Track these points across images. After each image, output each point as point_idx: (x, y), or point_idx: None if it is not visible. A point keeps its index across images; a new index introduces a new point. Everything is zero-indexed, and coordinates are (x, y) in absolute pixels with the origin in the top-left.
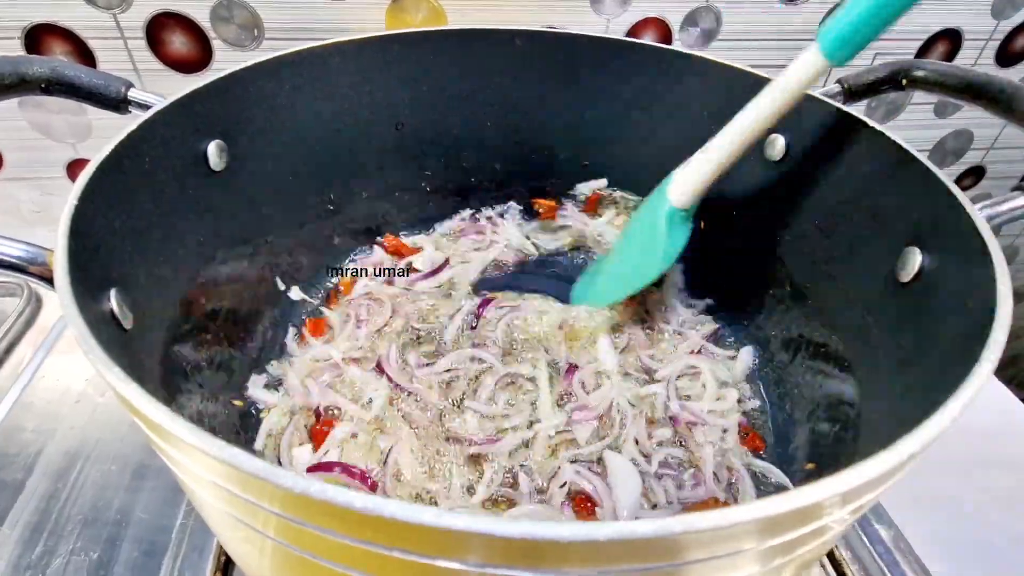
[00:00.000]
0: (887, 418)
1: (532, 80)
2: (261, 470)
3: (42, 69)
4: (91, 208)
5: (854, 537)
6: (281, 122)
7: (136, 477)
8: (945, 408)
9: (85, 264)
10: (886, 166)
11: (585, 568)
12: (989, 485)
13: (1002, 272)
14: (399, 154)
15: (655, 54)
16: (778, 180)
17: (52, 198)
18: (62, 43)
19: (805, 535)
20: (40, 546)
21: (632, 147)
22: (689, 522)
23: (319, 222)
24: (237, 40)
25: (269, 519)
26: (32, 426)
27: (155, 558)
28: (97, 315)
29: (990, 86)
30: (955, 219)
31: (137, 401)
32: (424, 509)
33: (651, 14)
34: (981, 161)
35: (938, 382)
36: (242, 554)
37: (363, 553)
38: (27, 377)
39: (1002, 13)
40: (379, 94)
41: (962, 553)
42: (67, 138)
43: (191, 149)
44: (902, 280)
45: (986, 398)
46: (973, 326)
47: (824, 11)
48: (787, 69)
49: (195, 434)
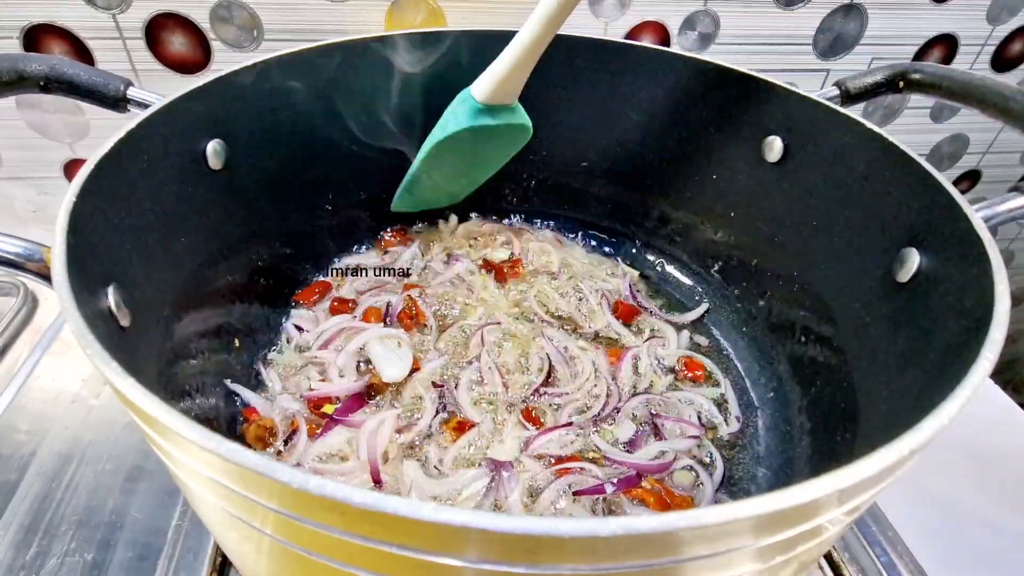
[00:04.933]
0: (885, 417)
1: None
2: (260, 465)
3: (41, 67)
4: (89, 205)
5: (852, 539)
6: (280, 122)
7: (131, 478)
8: (944, 407)
9: (83, 261)
10: (883, 167)
11: (584, 564)
12: (986, 488)
13: (999, 272)
14: (397, 155)
15: (654, 57)
16: (776, 181)
17: (48, 198)
18: (60, 43)
19: (804, 533)
20: (34, 547)
21: (631, 148)
22: (692, 517)
23: (317, 222)
24: (236, 41)
25: (267, 515)
26: (26, 427)
27: (149, 560)
28: (95, 312)
29: (987, 89)
30: (952, 220)
31: (135, 396)
32: (423, 504)
33: (649, 17)
34: (977, 165)
35: (936, 381)
36: (240, 553)
37: (361, 549)
38: (22, 378)
39: (997, 18)
40: (378, 95)
41: (959, 555)
42: (64, 138)
43: (190, 148)
44: (900, 280)
45: (983, 401)
46: (971, 326)
47: (822, 14)
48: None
49: (194, 429)
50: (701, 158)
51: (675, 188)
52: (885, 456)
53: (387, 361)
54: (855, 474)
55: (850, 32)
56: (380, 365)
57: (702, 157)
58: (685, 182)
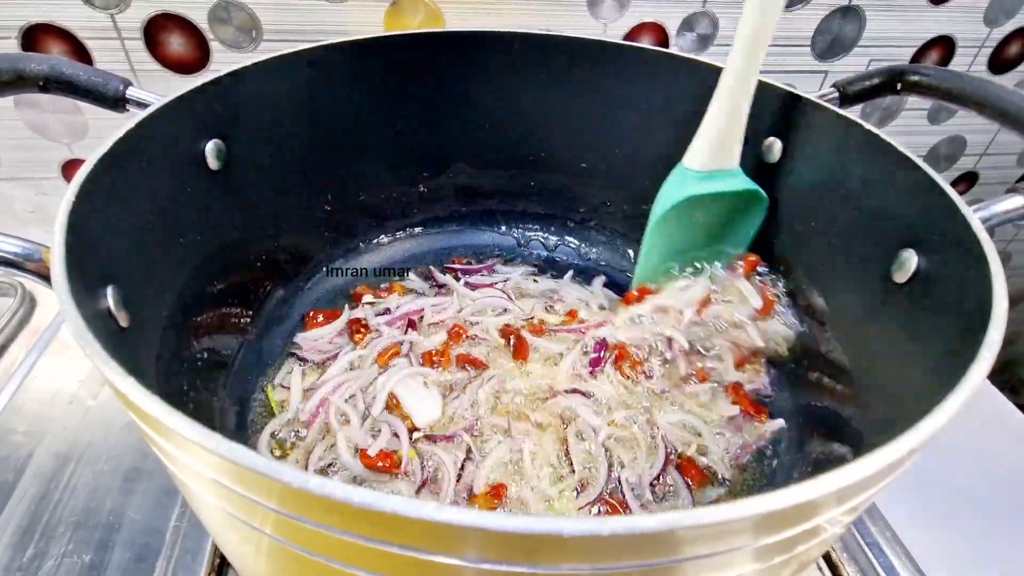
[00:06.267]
0: (883, 417)
1: (529, 83)
2: (261, 465)
3: (40, 66)
4: (88, 205)
5: (851, 539)
6: (279, 123)
7: (129, 479)
8: (942, 407)
9: (82, 260)
10: (881, 169)
11: (585, 564)
12: (984, 489)
13: (997, 272)
14: (396, 156)
15: (652, 58)
16: (774, 182)
17: (47, 198)
18: (59, 43)
19: (803, 532)
20: (31, 549)
21: (629, 149)
22: (692, 517)
23: (316, 222)
24: (235, 42)
25: (267, 516)
26: (24, 428)
27: (148, 561)
28: (93, 312)
29: (984, 91)
30: (950, 221)
31: (135, 396)
32: (424, 504)
33: (648, 19)
34: (974, 167)
35: (934, 382)
36: (239, 554)
37: (362, 550)
38: (19, 378)
39: (995, 21)
40: (376, 96)
41: (957, 555)
42: (63, 138)
43: (189, 148)
44: (898, 281)
45: (981, 402)
46: (969, 326)
47: (820, 16)
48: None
49: (194, 429)
50: None
51: None
52: (883, 456)
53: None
54: (853, 474)
55: (848, 34)
56: (412, 410)
57: None
58: None
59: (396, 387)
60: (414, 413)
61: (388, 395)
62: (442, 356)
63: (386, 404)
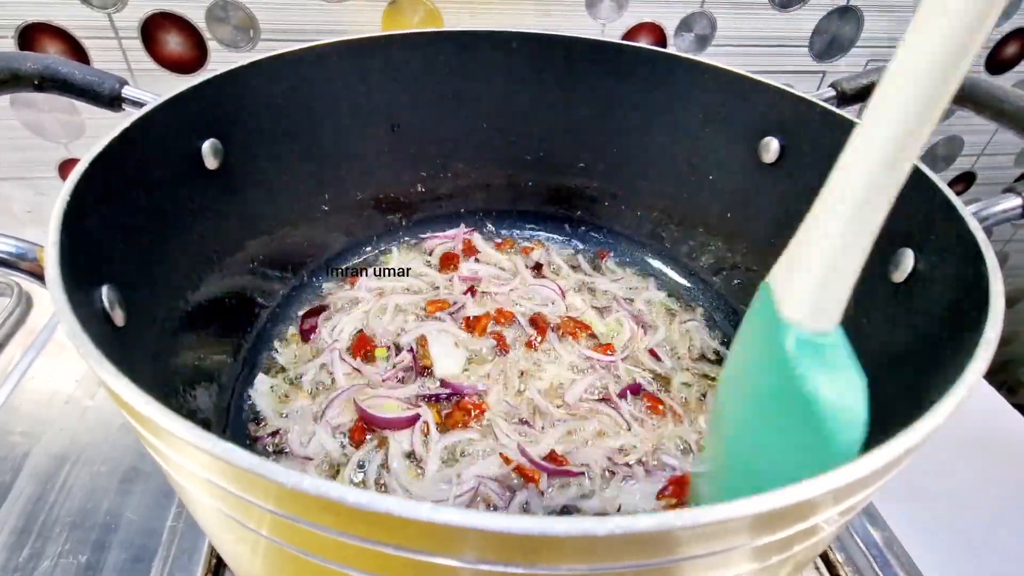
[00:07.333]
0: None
1: (528, 82)
2: (256, 465)
3: (35, 65)
4: (84, 204)
5: (848, 539)
6: (276, 122)
7: (125, 480)
8: (938, 407)
9: (77, 260)
10: None
11: (582, 564)
12: (981, 489)
13: (994, 271)
14: (394, 156)
15: (651, 58)
16: (772, 182)
17: (44, 198)
18: (56, 42)
19: (799, 532)
20: (27, 549)
21: (627, 149)
22: (689, 517)
23: (313, 222)
24: (232, 41)
25: (263, 516)
26: (20, 428)
27: (144, 561)
28: (88, 311)
29: (982, 91)
30: (948, 221)
31: (129, 397)
32: (419, 504)
33: (646, 19)
34: (972, 167)
35: (931, 381)
36: (235, 555)
37: (357, 550)
38: (15, 379)
39: None
40: (375, 95)
41: (954, 555)
42: (59, 138)
43: (185, 148)
44: (895, 280)
45: (978, 402)
46: (966, 325)
47: (817, 17)
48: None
49: (189, 429)
50: (698, 159)
51: (672, 190)
52: (880, 456)
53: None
54: (850, 474)
55: (846, 34)
56: (436, 357)
57: (699, 158)
58: (682, 184)
59: (430, 334)
60: (437, 360)
61: (420, 336)
62: (478, 325)
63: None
